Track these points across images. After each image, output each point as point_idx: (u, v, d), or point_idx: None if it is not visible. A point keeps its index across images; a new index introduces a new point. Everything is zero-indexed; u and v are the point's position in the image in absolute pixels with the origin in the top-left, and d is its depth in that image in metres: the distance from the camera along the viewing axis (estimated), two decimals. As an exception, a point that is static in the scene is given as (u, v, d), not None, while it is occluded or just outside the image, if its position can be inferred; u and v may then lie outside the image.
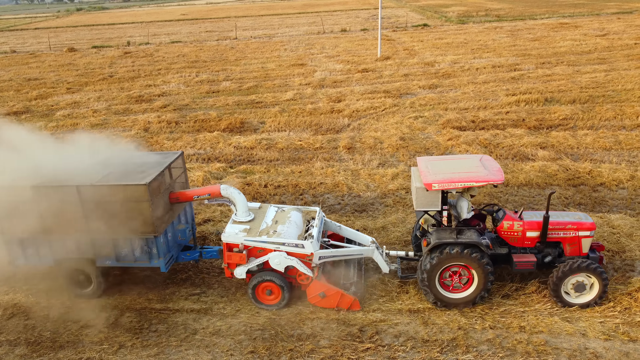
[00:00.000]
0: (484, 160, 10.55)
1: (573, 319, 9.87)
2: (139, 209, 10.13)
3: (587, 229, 10.31)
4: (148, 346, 9.80)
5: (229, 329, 10.16)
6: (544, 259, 10.51)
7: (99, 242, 10.62)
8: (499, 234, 10.59)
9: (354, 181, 16.73)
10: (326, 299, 10.39)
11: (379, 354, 9.26)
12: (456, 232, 10.09)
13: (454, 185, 9.69)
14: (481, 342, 9.40)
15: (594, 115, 22.05)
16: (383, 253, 11.18)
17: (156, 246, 10.61)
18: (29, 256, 11.03)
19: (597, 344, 9.23)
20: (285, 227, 10.80)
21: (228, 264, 10.65)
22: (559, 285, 10.02)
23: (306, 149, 20.23)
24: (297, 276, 10.51)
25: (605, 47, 38.71)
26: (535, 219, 10.51)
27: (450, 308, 10.28)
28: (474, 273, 10.05)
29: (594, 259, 10.43)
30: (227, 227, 10.79)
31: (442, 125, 21.86)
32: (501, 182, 9.73)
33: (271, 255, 10.38)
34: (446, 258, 9.93)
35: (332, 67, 36.83)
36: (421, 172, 10.21)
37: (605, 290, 9.97)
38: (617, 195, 14.94)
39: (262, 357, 9.37)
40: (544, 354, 9.02)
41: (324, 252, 10.63)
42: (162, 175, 10.74)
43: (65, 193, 10.15)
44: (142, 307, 11.03)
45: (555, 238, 10.43)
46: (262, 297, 10.64)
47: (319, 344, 9.61)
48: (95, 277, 11.13)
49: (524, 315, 10.02)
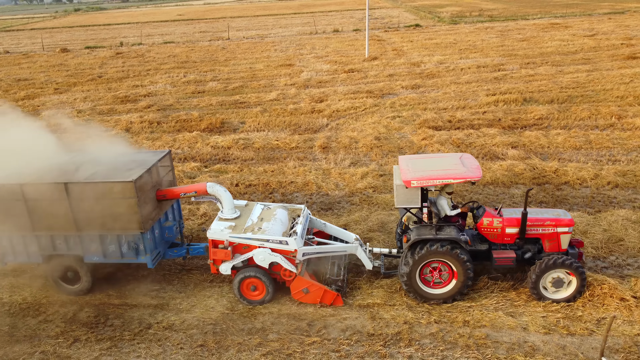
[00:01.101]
0: (463, 158, 10.77)
1: (517, 313, 10.11)
2: (126, 205, 10.37)
3: (566, 225, 10.49)
4: (102, 340, 10.06)
5: (182, 323, 10.42)
6: (523, 255, 10.70)
7: (87, 239, 10.86)
8: (479, 230, 10.78)
9: (324, 180, 16.97)
10: (309, 295, 10.61)
11: (324, 347, 9.51)
12: (436, 229, 10.29)
13: (432, 182, 9.92)
14: (424, 336, 9.65)
15: (569, 115, 22.28)
16: (366, 250, 11.39)
17: (143, 243, 10.83)
18: (17, 253, 11.26)
19: (536, 337, 9.47)
20: (270, 224, 11.04)
21: (213, 260, 10.88)
22: (537, 281, 10.19)
23: (282, 148, 20.49)
24: (281, 272, 10.72)
25: (592, 48, 38.89)
26: (514, 215, 10.69)
27: (431, 303, 10.45)
28: (453, 269, 10.25)
29: (573, 255, 10.58)
30: (212, 224, 11.06)
31: (419, 125, 22.10)
32: (478, 179, 9.93)
33: (256, 252, 10.61)
34: (426, 254, 10.13)
35: (319, 67, 37.07)
36: (401, 170, 10.44)
37: (584, 286, 10.12)
38: (580, 194, 15.18)
39: (210, 350, 9.62)
40: (483, 347, 9.26)
41: (307, 248, 10.87)
42: (149, 172, 10.98)
43: (54, 190, 10.36)
44: (101, 302, 11.29)
45: (534, 234, 10.61)
46: (247, 292, 10.86)
47: (268, 337, 9.87)
48: (83, 274, 11.35)
49: (469, 310, 10.27)
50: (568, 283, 10.20)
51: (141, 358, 9.53)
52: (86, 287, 11.48)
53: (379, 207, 14.90)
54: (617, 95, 25.13)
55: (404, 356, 9.18)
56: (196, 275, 12.14)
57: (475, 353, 9.13)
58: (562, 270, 10.10)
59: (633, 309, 9.91)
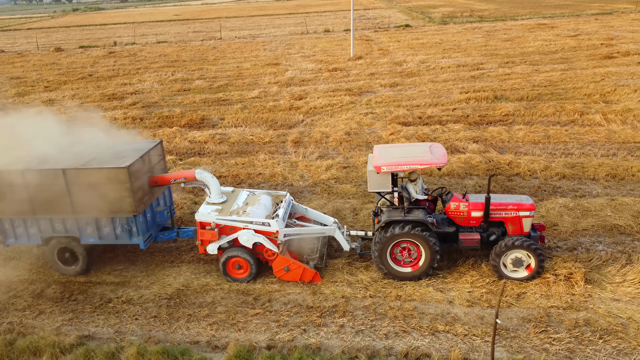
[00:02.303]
0: (432, 147, 11.66)
1: (446, 289, 11.01)
2: (120, 190, 11.21)
3: (527, 209, 11.28)
4: (65, 312, 10.98)
5: (140, 298, 11.33)
6: (488, 238, 11.50)
7: (84, 222, 11.73)
8: (447, 214, 11.60)
9: (291, 172, 17.87)
10: (290, 273, 11.46)
11: (266, 318, 10.42)
12: (405, 211, 11.15)
13: (400, 168, 10.76)
14: (358, 309, 10.55)
15: (534, 112, 23.16)
16: (344, 232, 12.24)
17: (136, 225, 11.69)
18: (18, 236, 12.11)
19: (459, 309, 10.37)
20: (254, 208, 11.94)
21: (201, 240, 11.76)
22: (498, 259, 10.99)
23: (256, 143, 21.39)
24: (264, 252, 11.60)
25: (572, 48, 39.73)
26: (479, 200, 11.52)
27: (402, 281, 11.26)
28: (421, 248, 11.09)
29: (535, 238, 11.37)
30: (201, 208, 11.98)
31: (390, 121, 22.99)
32: (443, 165, 10.76)
33: (240, 233, 11.49)
34: (396, 234, 10.96)
35: (304, 66, 37.97)
36: (374, 157, 11.33)
37: (542, 266, 10.87)
38: (528, 184, 16.07)
39: (162, 321, 10.53)
40: (409, 318, 10.16)
41: (288, 230, 11.74)
42: (142, 160, 11.84)
43: (53, 176, 11.20)
44: (68, 280, 12.21)
45: (498, 218, 11.41)
46: (232, 271, 11.71)
47: (216, 310, 10.78)
48: (80, 255, 12.18)
49: (403, 287, 11.17)
50: (527, 264, 10.96)
51: (99, 327, 10.44)
52: (83, 268, 12.28)
53: (337, 197, 15.80)
54: (585, 93, 26.00)
55: (337, 325, 10.08)
56: (158, 257, 13.05)
57: (401, 323, 10.03)
58: (522, 251, 10.85)
59: (551, 285, 10.81)
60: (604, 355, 8.94)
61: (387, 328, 9.93)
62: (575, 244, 12.57)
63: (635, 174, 16.11)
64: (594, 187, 15.63)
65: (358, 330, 9.93)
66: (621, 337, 9.34)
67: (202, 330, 10.17)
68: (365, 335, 9.78)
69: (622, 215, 13.53)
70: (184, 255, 13.06)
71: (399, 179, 11.86)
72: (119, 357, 9.35)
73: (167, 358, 8.99)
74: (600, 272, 11.23)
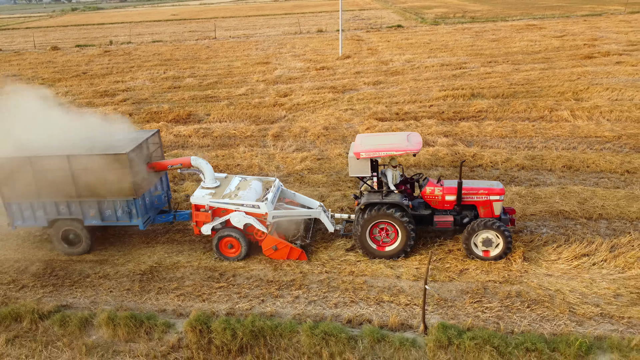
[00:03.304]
0: (410, 135, 12.60)
1: (396, 266, 11.99)
2: (121, 174, 12.14)
3: (497, 193, 12.16)
4: (46, 286, 11.96)
5: (115, 273, 12.32)
6: (462, 220, 12.38)
7: (87, 205, 12.65)
8: (423, 198, 12.51)
9: (267, 163, 18.86)
10: (278, 252, 12.40)
11: (229, 290, 11.41)
12: (383, 195, 12.08)
13: (377, 154, 11.69)
14: (313, 282, 11.54)
15: (507, 109, 24.13)
16: (329, 215, 13.17)
17: (135, 207, 12.63)
18: (26, 218, 13.03)
19: (405, 283, 11.35)
20: (245, 192, 12.91)
21: (196, 222, 12.70)
22: (469, 239, 11.87)
23: (238, 136, 22.37)
24: (254, 233, 12.53)
25: (555, 48, 40.67)
26: (453, 185, 12.41)
27: (380, 259, 12.13)
28: (397, 229, 12.00)
29: (505, 221, 12.24)
30: (195, 191, 12.95)
31: (367, 116, 23.97)
32: (417, 151, 11.67)
33: (232, 215, 12.43)
34: (374, 216, 11.87)
35: (293, 65, 38.94)
36: (355, 145, 12.27)
37: (509, 246, 11.73)
38: (489, 175, 17.04)
39: (135, 293, 11.52)
40: (359, 290, 11.14)
41: (276, 212, 12.69)
42: (140, 147, 12.77)
43: (58, 162, 12.12)
44: (50, 259, 13.20)
45: (470, 201, 12.31)
46: (225, 250, 12.63)
47: (184, 284, 11.77)
48: (83, 235, 13.09)
49: (357, 264, 12.15)
50: (497, 244, 11.83)
51: (76, 299, 11.43)
52: (85, 248, 13.20)
53: (308, 185, 16.79)
54: (559, 91, 26.96)
55: (292, 296, 11.07)
56: (136, 238, 14.03)
57: (350, 294, 11.02)
58: (491, 232, 11.72)
59: (492, 262, 11.78)
60: (528, 322, 9.91)
61: (338, 299, 10.91)
62: (522, 227, 13.55)
63: (589, 165, 17.09)
64: (549, 177, 16.62)
65: (311, 301, 10.91)
66: (547, 306, 10.31)
67: (169, 301, 11.16)
68: (316, 305, 10.77)
69: (569, 202, 14.51)
70: (159, 237, 14.04)
71: (380, 165, 12.74)
72: (91, 322, 10.33)
73: (135, 322, 9.96)
74: (539, 251, 12.21)
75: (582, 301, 10.39)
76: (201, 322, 9.75)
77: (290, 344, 9.41)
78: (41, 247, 13.82)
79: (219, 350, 9.38)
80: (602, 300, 10.39)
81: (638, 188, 15.22)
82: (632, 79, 28.85)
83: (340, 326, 9.68)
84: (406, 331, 9.76)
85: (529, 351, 8.77)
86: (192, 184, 17.15)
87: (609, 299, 10.43)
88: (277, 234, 12.86)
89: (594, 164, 17.10)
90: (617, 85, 27.10)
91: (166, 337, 9.89)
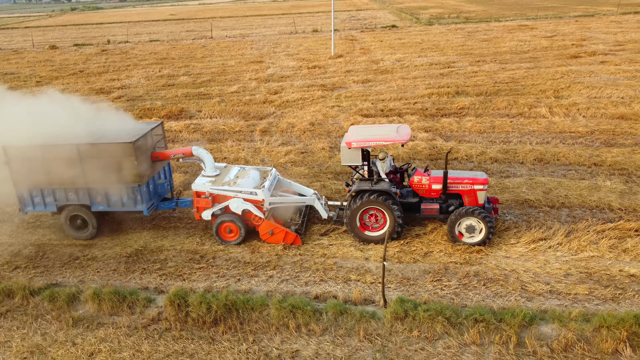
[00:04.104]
0: (400, 128, 13.38)
1: (365, 249, 12.79)
2: (127, 163, 12.89)
3: (481, 183, 12.86)
4: (37, 267, 12.77)
5: (103, 256, 13.13)
6: (447, 208, 13.10)
7: (94, 191, 13.39)
8: (411, 186, 13.28)
9: (253, 156, 19.67)
10: (274, 236, 13.14)
11: (208, 271, 12.22)
12: (372, 182, 12.84)
13: (367, 144, 12.44)
14: (287, 263, 12.35)
15: (488, 106, 24.94)
16: (322, 202, 13.94)
17: (140, 194, 13.38)
18: (36, 204, 13.77)
19: (372, 264, 12.14)
20: (244, 180, 13.68)
21: (197, 208, 13.48)
22: (453, 226, 12.60)
23: (227, 132, 23.18)
24: (251, 218, 13.30)
25: (544, 48, 41.47)
26: (439, 174, 13.16)
27: (369, 244, 12.86)
28: (386, 215, 12.75)
29: (488, 209, 12.98)
30: (197, 179, 13.72)
31: (353, 113, 24.78)
32: (405, 141, 12.42)
33: (231, 201, 13.19)
34: (364, 202, 12.61)
35: (285, 64, 39.75)
36: (347, 135, 13.03)
37: (491, 232, 12.39)
38: (463, 167, 17.85)
39: (120, 273, 12.33)
40: (329, 270, 11.95)
41: (273, 199, 13.48)
42: (145, 137, 13.51)
43: (68, 150, 12.85)
44: (42, 242, 14.01)
45: (455, 190, 13.01)
46: (224, 234, 13.39)
47: (167, 265, 12.58)
48: (90, 221, 13.84)
49: (330, 247, 12.95)
50: (479, 230, 12.54)
51: (65, 278, 12.24)
52: (92, 233, 13.93)
53: (290, 177, 17.56)
54: (541, 89, 27.77)
55: (267, 276, 11.88)
56: (124, 225, 14.82)
57: (321, 274, 11.83)
58: (474, 219, 12.44)
59: (454, 246, 12.59)
60: (482, 297, 10.72)
61: (308, 278, 11.72)
62: (488, 214, 14.32)
63: (560, 159, 17.90)
64: (520, 169, 17.43)
65: (283, 280, 11.72)
66: (501, 285, 11.12)
67: (152, 280, 11.97)
68: (288, 283, 11.58)
69: (534, 191, 15.32)
70: (145, 224, 14.84)
71: (372, 156, 13.51)
72: (78, 297, 11.13)
73: (118, 297, 10.76)
74: (500, 236, 13.01)
75: (534, 280, 11.20)
76: (179, 297, 10.54)
77: (261, 317, 10.21)
78: (34, 233, 14.62)
79: (195, 322, 10.18)
80: (552, 279, 11.19)
81: (602, 179, 16.02)
82: (613, 77, 29.65)
83: (306, 300, 10.48)
84: (368, 305, 10.56)
85: (477, 322, 9.57)
86: (179, 175, 17.95)
87: (560, 278, 11.23)
88: (274, 219, 13.60)
89: (563, 157, 17.91)
90: (597, 84, 27.93)
91: (147, 311, 10.69)
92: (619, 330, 9.06)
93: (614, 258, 11.82)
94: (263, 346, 9.53)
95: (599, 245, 12.28)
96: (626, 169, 16.77)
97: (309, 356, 9.24)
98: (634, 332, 9.05)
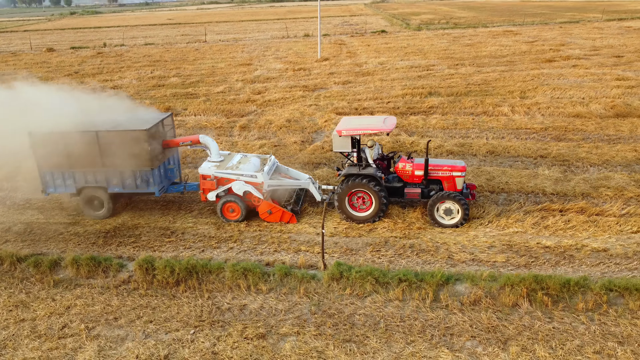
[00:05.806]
0: (387, 119, 14.83)
1: (318, 225, 14.33)
2: (141, 148, 14.33)
3: (459, 170, 14.23)
4: (25, 241, 14.31)
5: (84, 232, 14.67)
6: (429, 193, 14.47)
7: (110, 174, 14.81)
8: (397, 172, 14.72)
9: (229, 149, 21.21)
10: (272, 215, 14.61)
11: (176, 244, 13.76)
12: (360, 167, 14.30)
13: (355, 132, 13.92)
14: (247, 237, 13.89)
15: (456, 105, 26.52)
16: (317, 186, 15.42)
17: (152, 177, 14.84)
18: (57, 186, 15.19)
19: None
20: (245, 165, 15.22)
21: (203, 189, 14.99)
22: (432, 209, 13.96)
23: (208, 127, 24.75)
24: (252, 198, 14.78)
25: (522, 52, 43.10)
26: (421, 162, 14.53)
27: (358, 223, 14.23)
28: (372, 197, 14.18)
29: (466, 194, 14.41)
30: (203, 164, 15.23)
31: (329, 111, 26.36)
32: (389, 131, 13.85)
33: (233, 183, 14.70)
34: (351, 186, 14.07)
35: (273, 66, 41.38)
36: (338, 125, 14.51)
37: (467, 214, 13.78)
38: (420, 159, 19.39)
39: (99, 245, 13.87)
40: (283, 243, 13.49)
41: (271, 181, 15.00)
42: (157, 126, 14.98)
43: (88, 137, 14.23)
44: (30, 221, 15.55)
45: (436, 177, 14.41)
46: (227, 214, 14.85)
47: (140, 239, 14.12)
48: (106, 201, 15.28)
49: (286, 225, 14.49)
50: (457, 212, 13.93)
51: (49, 249, 13.78)
52: (107, 213, 15.35)
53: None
54: (509, 90, 29.36)
55: (228, 247, 13.43)
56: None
57: (275, 246, 13.37)
58: (451, 202, 13.83)
59: (398, 223, 14.13)
60: (412, 265, 12.25)
61: (264, 249, 13.26)
62: (434, 198, 15.86)
63: (510, 152, 19.47)
64: (472, 160, 18.99)
65: (242, 251, 13.26)
66: (432, 254, 12.66)
67: (126, 251, 13.51)
68: (246, 254, 13.12)
69: (478, 179, 16.87)
70: (125, 207, 16.36)
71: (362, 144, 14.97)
72: (59, 264, 12.66)
73: (94, 263, 12.30)
74: (440, 215, 14.53)
75: (460, 250, 12.74)
76: (147, 262, 12.07)
77: (217, 278, 11.74)
78: (24, 214, 16.15)
79: (160, 283, 11.71)
80: (477, 250, 12.74)
81: (542, 169, 17.57)
82: (580, 80, 31.26)
83: (257, 264, 12.02)
84: (310, 269, 12.10)
85: (401, 281, 11.09)
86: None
87: (484, 249, 12.78)
88: (272, 200, 15.09)
89: (513, 150, 19.48)
90: (563, 86, 29.54)
91: (119, 275, 12.22)
92: (520, 287, 10.59)
93: (535, 233, 13.36)
94: (216, 301, 11.06)
95: (524, 222, 13.81)
96: (568, 160, 18.34)
97: (255, 309, 10.77)
98: (532, 289, 10.58)
